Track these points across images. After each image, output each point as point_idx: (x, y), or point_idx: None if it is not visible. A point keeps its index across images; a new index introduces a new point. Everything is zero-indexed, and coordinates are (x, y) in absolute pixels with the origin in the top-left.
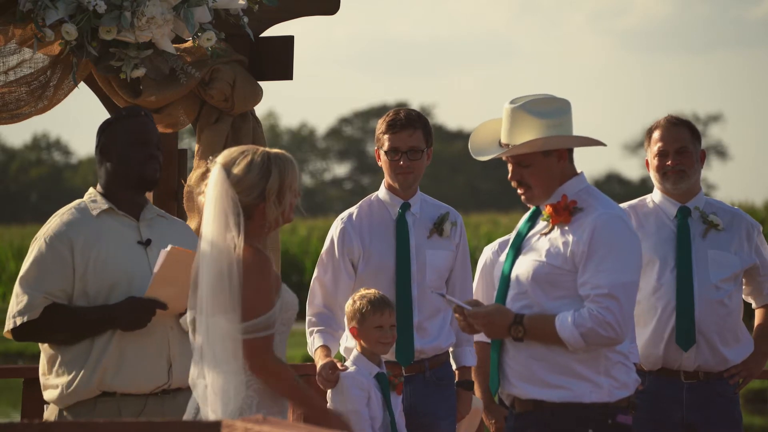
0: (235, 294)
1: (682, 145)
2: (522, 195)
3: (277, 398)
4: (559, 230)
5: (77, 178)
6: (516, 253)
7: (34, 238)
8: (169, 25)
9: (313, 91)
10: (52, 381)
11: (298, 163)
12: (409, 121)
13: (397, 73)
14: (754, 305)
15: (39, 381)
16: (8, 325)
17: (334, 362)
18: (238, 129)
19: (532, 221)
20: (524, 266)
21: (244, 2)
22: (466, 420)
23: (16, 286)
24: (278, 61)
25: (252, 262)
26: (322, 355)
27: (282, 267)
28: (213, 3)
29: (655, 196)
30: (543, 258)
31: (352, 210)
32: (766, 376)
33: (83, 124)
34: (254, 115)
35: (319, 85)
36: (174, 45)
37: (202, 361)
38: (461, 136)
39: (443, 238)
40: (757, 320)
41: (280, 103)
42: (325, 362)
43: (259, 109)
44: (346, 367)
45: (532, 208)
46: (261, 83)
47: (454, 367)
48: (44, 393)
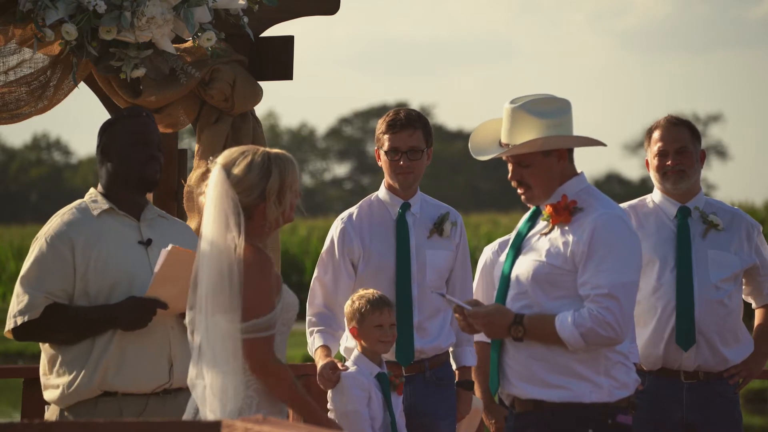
0: (235, 294)
1: (682, 145)
2: (522, 195)
3: (275, 399)
4: (559, 230)
5: (77, 178)
6: (516, 253)
7: (35, 237)
8: (169, 25)
9: (313, 91)
10: (52, 381)
11: (298, 163)
12: (409, 121)
13: (397, 73)
14: (754, 305)
15: (39, 381)
16: (9, 325)
17: (334, 362)
18: (238, 129)
19: (532, 221)
20: (524, 266)
21: (244, 2)
22: (466, 420)
23: (16, 286)
24: (278, 61)
25: (253, 261)
26: (323, 355)
27: (282, 267)
28: (213, 3)
29: (655, 196)
30: (543, 258)
31: (352, 210)
32: (766, 376)
33: (83, 124)
34: (254, 115)
35: (319, 85)
36: (174, 45)
37: (201, 361)
38: (461, 136)
39: (443, 238)
40: (757, 320)
41: (280, 103)
42: (325, 362)
43: (259, 109)
44: (347, 367)
45: (532, 208)
46: (261, 83)
47: (454, 367)
48: (45, 393)
